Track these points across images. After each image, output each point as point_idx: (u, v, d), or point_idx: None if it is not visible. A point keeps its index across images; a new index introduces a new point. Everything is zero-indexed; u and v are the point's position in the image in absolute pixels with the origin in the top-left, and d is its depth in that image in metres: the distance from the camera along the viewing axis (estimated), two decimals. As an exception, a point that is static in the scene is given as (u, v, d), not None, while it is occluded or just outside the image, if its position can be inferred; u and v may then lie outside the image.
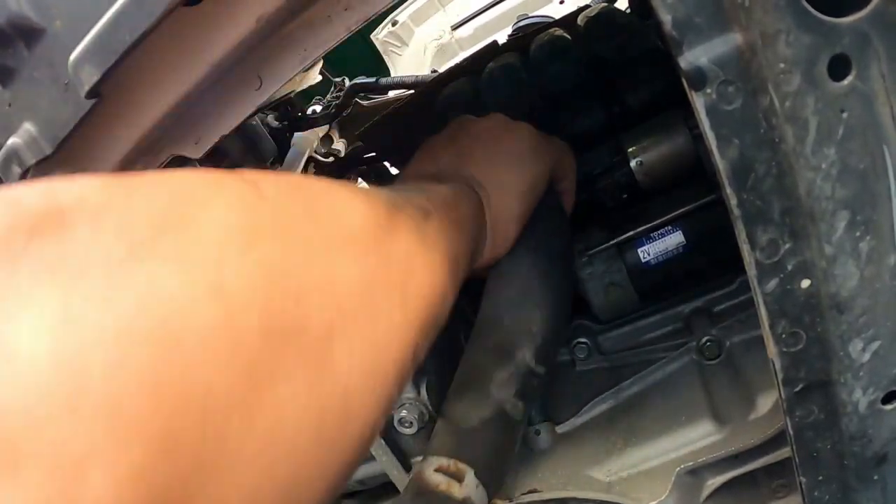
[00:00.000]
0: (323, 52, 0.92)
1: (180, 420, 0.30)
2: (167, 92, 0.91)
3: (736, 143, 0.63)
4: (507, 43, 2.27)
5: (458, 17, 4.79)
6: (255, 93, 0.96)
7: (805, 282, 0.70)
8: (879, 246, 0.68)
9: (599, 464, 1.28)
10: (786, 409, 0.81)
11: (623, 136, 1.54)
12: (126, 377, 0.28)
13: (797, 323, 0.73)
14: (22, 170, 0.89)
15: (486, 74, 2.05)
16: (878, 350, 0.74)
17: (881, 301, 0.71)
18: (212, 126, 1.00)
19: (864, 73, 0.61)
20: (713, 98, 0.62)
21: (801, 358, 0.76)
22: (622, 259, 1.35)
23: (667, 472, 1.20)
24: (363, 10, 0.87)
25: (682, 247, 1.32)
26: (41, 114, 0.87)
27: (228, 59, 0.88)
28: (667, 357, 1.35)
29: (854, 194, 0.65)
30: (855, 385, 0.77)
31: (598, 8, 1.90)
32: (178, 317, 0.31)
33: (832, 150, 0.63)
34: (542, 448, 1.34)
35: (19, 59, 0.84)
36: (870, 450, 0.83)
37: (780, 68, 0.60)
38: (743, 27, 0.59)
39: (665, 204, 1.35)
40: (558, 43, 1.84)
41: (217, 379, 0.32)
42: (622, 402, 1.34)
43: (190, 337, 0.31)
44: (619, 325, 1.44)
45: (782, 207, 0.66)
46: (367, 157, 2.41)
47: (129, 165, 1.03)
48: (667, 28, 0.60)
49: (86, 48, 0.78)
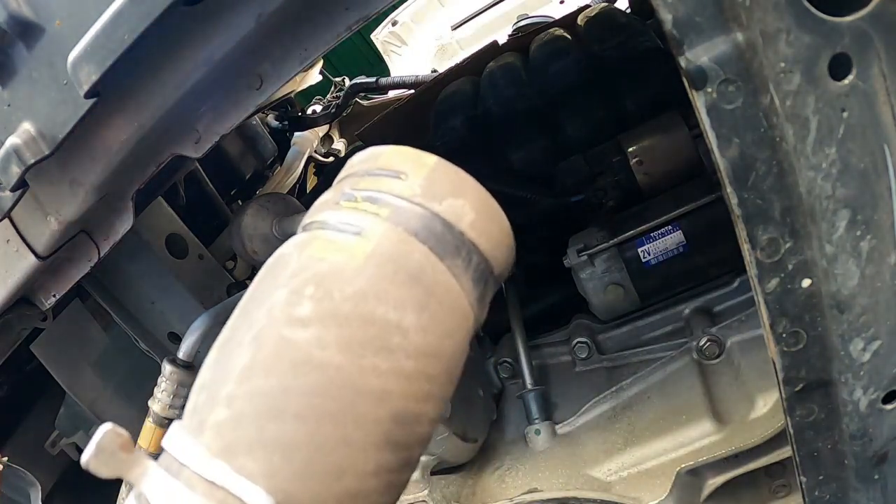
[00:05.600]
0: (323, 52, 0.91)
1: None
2: (167, 91, 0.91)
3: (736, 142, 0.63)
4: (507, 43, 2.27)
5: (459, 17, 4.79)
6: (255, 93, 0.96)
7: (806, 281, 0.70)
8: (880, 245, 0.68)
9: (599, 464, 1.27)
10: (786, 409, 0.81)
11: (623, 136, 1.55)
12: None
13: (798, 322, 0.73)
14: (21, 169, 0.89)
15: (486, 74, 2.05)
16: (879, 349, 0.74)
17: (882, 300, 0.71)
18: (212, 126, 1.00)
19: (865, 73, 0.61)
20: (714, 97, 0.62)
21: (802, 357, 0.75)
22: (622, 259, 1.35)
23: (667, 472, 1.20)
24: (363, 10, 0.87)
25: (683, 246, 1.32)
26: (40, 113, 0.87)
27: (229, 58, 0.88)
28: (667, 357, 1.35)
29: (855, 193, 0.65)
30: (855, 384, 0.77)
31: (598, 8, 1.90)
32: None
33: (833, 149, 0.63)
34: (542, 448, 1.34)
35: (18, 59, 0.84)
36: (870, 449, 0.82)
37: (780, 67, 0.60)
38: (743, 26, 0.59)
39: (665, 204, 1.35)
40: (558, 43, 1.84)
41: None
42: (622, 402, 1.34)
43: None
44: (620, 325, 1.44)
45: (783, 206, 0.66)
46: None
47: (130, 165, 1.03)
48: (667, 27, 0.60)
49: (85, 48, 0.77)
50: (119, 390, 1.86)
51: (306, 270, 0.44)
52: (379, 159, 0.49)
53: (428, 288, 0.44)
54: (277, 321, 0.42)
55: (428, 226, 0.45)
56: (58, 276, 1.24)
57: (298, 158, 2.88)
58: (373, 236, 0.45)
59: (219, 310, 1.42)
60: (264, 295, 0.45)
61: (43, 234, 1.08)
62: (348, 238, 0.45)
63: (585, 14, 1.97)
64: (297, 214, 1.48)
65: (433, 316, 0.44)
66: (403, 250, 0.44)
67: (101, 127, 0.94)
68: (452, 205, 0.46)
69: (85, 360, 1.81)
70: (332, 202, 0.49)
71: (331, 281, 0.43)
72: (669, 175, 1.45)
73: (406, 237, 0.45)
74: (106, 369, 1.85)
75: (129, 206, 1.11)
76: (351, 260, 0.44)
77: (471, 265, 0.47)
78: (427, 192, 0.46)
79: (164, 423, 1.32)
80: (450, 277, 0.45)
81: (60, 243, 1.12)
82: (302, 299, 0.42)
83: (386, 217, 0.45)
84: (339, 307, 0.42)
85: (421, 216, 0.46)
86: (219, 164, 2.41)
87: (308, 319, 0.42)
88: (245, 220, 1.48)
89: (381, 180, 0.47)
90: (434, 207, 0.46)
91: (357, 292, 0.42)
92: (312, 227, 0.48)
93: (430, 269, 0.44)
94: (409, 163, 0.48)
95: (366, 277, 0.43)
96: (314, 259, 0.45)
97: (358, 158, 0.51)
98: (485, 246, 0.47)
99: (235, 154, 2.59)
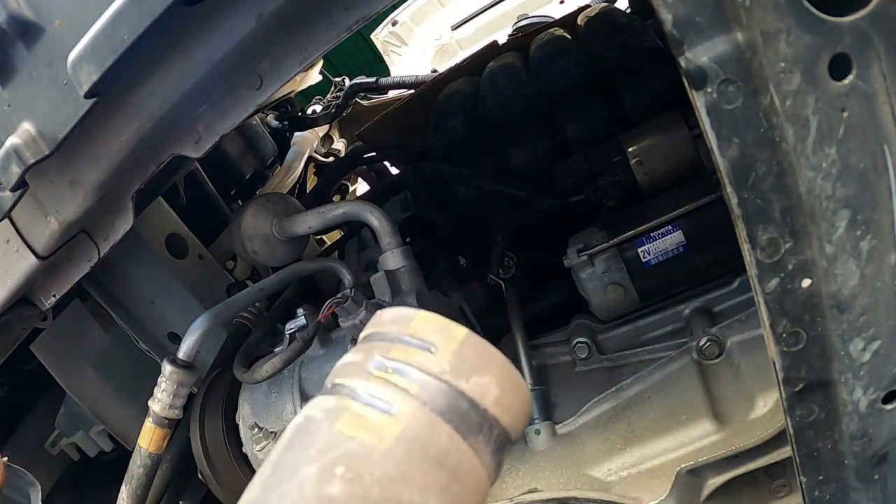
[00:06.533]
0: (323, 52, 0.91)
1: None
2: (167, 91, 0.91)
3: (736, 142, 0.63)
4: (507, 43, 2.27)
5: (459, 17, 4.79)
6: (255, 93, 0.96)
7: (806, 281, 0.70)
8: (880, 245, 0.68)
9: (599, 464, 1.28)
10: (786, 409, 0.81)
11: (623, 136, 1.55)
12: None
13: (798, 322, 0.73)
14: (21, 169, 0.89)
15: (486, 74, 2.05)
16: (879, 349, 0.74)
17: (882, 300, 0.71)
18: (212, 126, 1.00)
19: (865, 73, 0.61)
20: (714, 97, 0.62)
21: (802, 357, 0.76)
22: (622, 259, 1.35)
23: (667, 472, 1.20)
24: (363, 10, 0.87)
25: (683, 246, 1.32)
26: (40, 113, 0.87)
27: (229, 58, 0.88)
28: (667, 357, 1.35)
29: (855, 193, 0.65)
30: (855, 384, 0.77)
31: (598, 8, 1.90)
32: None
33: (833, 149, 0.63)
34: (542, 448, 1.34)
35: (18, 59, 0.84)
36: (870, 449, 0.83)
37: (780, 67, 0.60)
38: (743, 26, 0.59)
39: (665, 204, 1.36)
40: (558, 43, 1.84)
41: None
42: (622, 402, 1.34)
43: None
44: (620, 325, 1.44)
45: (783, 206, 0.66)
46: (367, 156, 2.42)
47: (130, 165, 1.03)
48: (667, 27, 0.60)
49: (85, 47, 0.77)
50: (119, 390, 1.86)
51: (337, 448, 0.48)
52: (410, 325, 0.53)
53: (451, 470, 0.48)
54: (309, 497, 0.46)
55: (454, 405, 0.50)
56: (58, 276, 1.24)
57: (298, 158, 2.88)
58: (402, 417, 0.49)
59: (219, 310, 1.42)
60: (296, 465, 0.48)
61: (43, 234, 1.09)
62: (378, 416, 0.49)
63: (585, 14, 1.97)
64: (298, 214, 1.48)
65: (455, 496, 0.48)
66: (430, 433, 0.48)
67: (101, 127, 0.94)
68: (478, 382, 0.50)
69: (85, 360, 1.81)
70: (362, 368, 0.52)
71: (360, 463, 0.47)
72: (669, 175, 1.45)
73: (433, 419, 0.49)
74: (106, 369, 1.85)
75: (129, 206, 1.11)
76: (380, 442, 0.48)
77: (491, 439, 0.51)
78: (455, 369, 0.50)
79: (164, 423, 1.32)
80: (472, 457, 0.49)
81: (60, 243, 1.12)
82: (333, 479, 0.46)
83: (415, 394, 0.49)
84: (368, 491, 0.46)
85: (448, 395, 0.50)
86: (219, 164, 2.41)
87: (338, 499, 0.45)
88: (245, 220, 1.48)
89: (410, 352, 0.51)
90: (461, 386, 0.50)
91: (385, 476, 0.46)
92: (342, 392, 0.52)
93: (454, 451, 0.49)
94: (439, 335, 0.52)
95: (394, 462, 0.47)
96: (344, 437, 0.48)
97: (389, 317, 0.55)
98: (506, 420, 0.51)
99: (235, 154, 2.59)
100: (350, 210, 1.41)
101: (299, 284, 1.78)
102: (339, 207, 1.43)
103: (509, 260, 1.51)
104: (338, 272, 1.52)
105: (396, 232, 1.37)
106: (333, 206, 1.44)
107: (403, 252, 1.36)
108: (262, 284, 1.55)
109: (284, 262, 1.56)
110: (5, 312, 1.23)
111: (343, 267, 1.52)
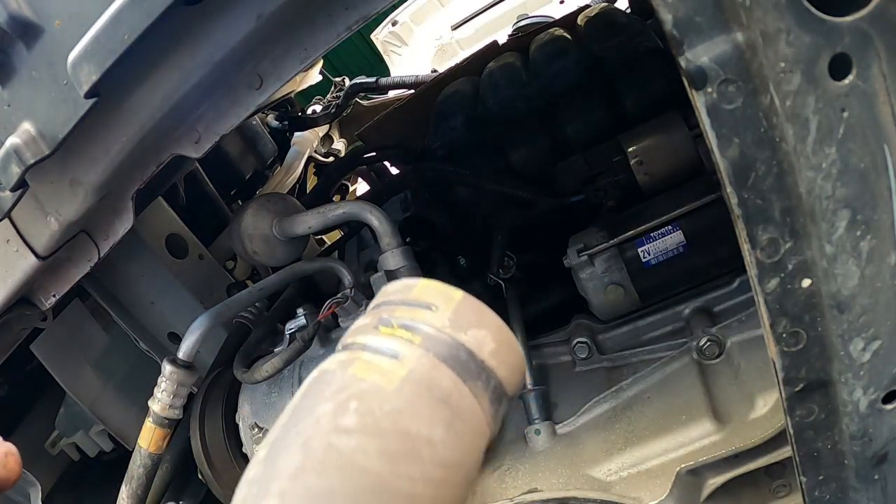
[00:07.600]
0: (323, 52, 0.92)
1: None
2: (167, 91, 0.91)
3: (736, 142, 0.63)
4: (507, 43, 2.27)
5: (459, 17, 4.79)
6: (255, 93, 0.96)
7: (806, 281, 0.70)
8: (880, 245, 0.68)
9: (599, 464, 1.27)
10: (786, 409, 0.81)
11: (623, 136, 1.55)
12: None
13: (798, 322, 0.73)
14: (21, 169, 0.89)
15: (486, 74, 2.05)
16: (879, 349, 0.74)
17: (882, 300, 0.71)
18: (212, 126, 1.00)
19: (865, 73, 0.61)
20: (714, 97, 0.62)
21: (802, 357, 0.76)
22: (622, 259, 1.35)
23: (667, 472, 1.20)
24: (363, 10, 0.87)
25: (683, 246, 1.32)
26: (40, 113, 0.87)
27: (229, 58, 0.88)
28: (667, 357, 1.35)
29: (855, 193, 0.65)
30: (855, 384, 0.77)
31: (598, 8, 1.90)
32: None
33: (833, 149, 0.63)
34: (542, 448, 1.34)
35: (18, 59, 0.84)
36: (870, 449, 0.83)
37: (780, 67, 0.60)
38: (743, 26, 0.59)
39: (665, 204, 1.35)
40: (558, 43, 1.84)
41: None
42: (622, 402, 1.34)
43: None
44: (620, 325, 1.44)
45: (783, 206, 0.66)
46: (367, 156, 2.42)
47: (130, 165, 1.03)
48: (667, 27, 0.60)
49: (85, 47, 0.78)
50: (119, 390, 1.86)
51: (350, 388, 0.52)
52: (412, 291, 0.58)
53: (453, 408, 0.53)
54: (325, 429, 0.50)
55: (454, 354, 0.54)
56: (58, 276, 1.24)
57: (298, 158, 2.88)
58: (408, 361, 0.53)
59: (219, 310, 1.42)
60: (312, 405, 0.52)
61: (43, 234, 1.09)
62: (386, 361, 0.53)
63: (585, 14, 1.97)
64: (297, 214, 1.48)
65: (457, 432, 0.53)
66: (434, 375, 0.53)
67: (102, 127, 0.94)
68: (476, 335, 0.55)
69: (85, 360, 1.81)
70: (370, 326, 0.57)
71: (372, 398, 0.51)
72: (669, 175, 1.45)
73: (436, 363, 0.53)
74: (106, 369, 1.85)
75: (129, 206, 1.11)
76: (389, 382, 0.52)
77: (489, 388, 0.55)
78: (454, 324, 0.55)
79: (164, 423, 1.32)
80: (472, 400, 0.54)
81: (60, 243, 1.12)
82: (347, 412, 0.50)
83: (419, 343, 0.54)
84: (379, 421, 0.50)
85: (449, 344, 0.54)
86: (219, 164, 2.41)
87: (353, 429, 0.49)
88: (245, 220, 1.48)
89: (414, 310, 0.56)
90: (460, 337, 0.54)
91: (394, 409, 0.51)
92: (353, 348, 0.56)
93: (455, 392, 0.53)
94: (440, 296, 0.57)
95: (402, 398, 0.51)
96: (356, 378, 0.53)
97: (392, 288, 0.60)
98: (501, 372, 0.56)
99: (235, 154, 2.59)
100: (350, 210, 1.41)
101: (299, 284, 1.78)
102: (339, 207, 1.43)
103: (509, 260, 1.51)
104: (338, 272, 1.52)
105: (396, 232, 1.37)
106: (333, 206, 1.44)
107: (403, 252, 1.36)
108: (262, 284, 1.55)
109: (284, 262, 1.56)
110: (5, 312, 1.23)
111: (343, 267, 1.52)
